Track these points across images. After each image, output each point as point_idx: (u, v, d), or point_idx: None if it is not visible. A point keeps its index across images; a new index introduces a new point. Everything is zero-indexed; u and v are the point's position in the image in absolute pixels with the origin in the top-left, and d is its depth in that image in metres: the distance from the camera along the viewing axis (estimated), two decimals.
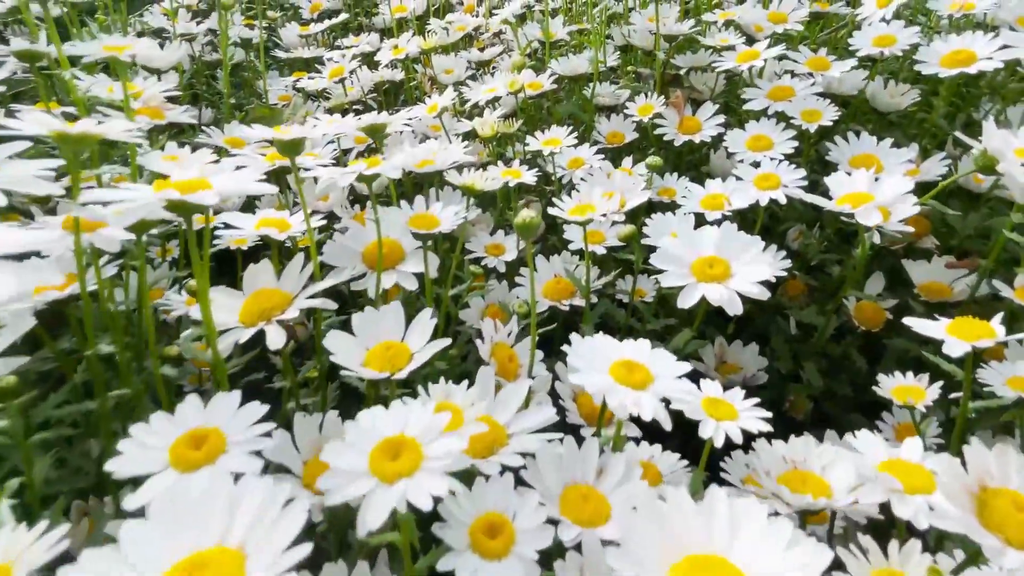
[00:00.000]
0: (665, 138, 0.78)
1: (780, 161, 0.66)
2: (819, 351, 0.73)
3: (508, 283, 0.68)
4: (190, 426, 0.31)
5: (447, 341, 0.36)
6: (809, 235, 0.81)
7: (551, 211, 0.58)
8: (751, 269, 0.46)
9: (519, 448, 0.34)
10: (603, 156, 0.77)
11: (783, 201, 0.63)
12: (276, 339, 0.36)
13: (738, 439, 0.37)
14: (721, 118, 0.79)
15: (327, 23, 1.12)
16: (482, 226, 0.79)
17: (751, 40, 0.88)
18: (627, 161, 0.78)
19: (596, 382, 0.33)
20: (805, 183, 0.63)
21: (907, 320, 0.44)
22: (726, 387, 0.74)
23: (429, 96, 0.82)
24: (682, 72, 0.91)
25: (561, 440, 0.36)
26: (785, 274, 0.59)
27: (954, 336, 0.41)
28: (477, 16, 1.27)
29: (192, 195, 0.31)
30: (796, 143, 0.70)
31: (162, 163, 0.38)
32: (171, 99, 0.89)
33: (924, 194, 0.60)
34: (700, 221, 0.65)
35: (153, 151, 0.50)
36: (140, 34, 1.10)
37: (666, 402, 0.34)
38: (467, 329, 0.62)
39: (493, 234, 0.76)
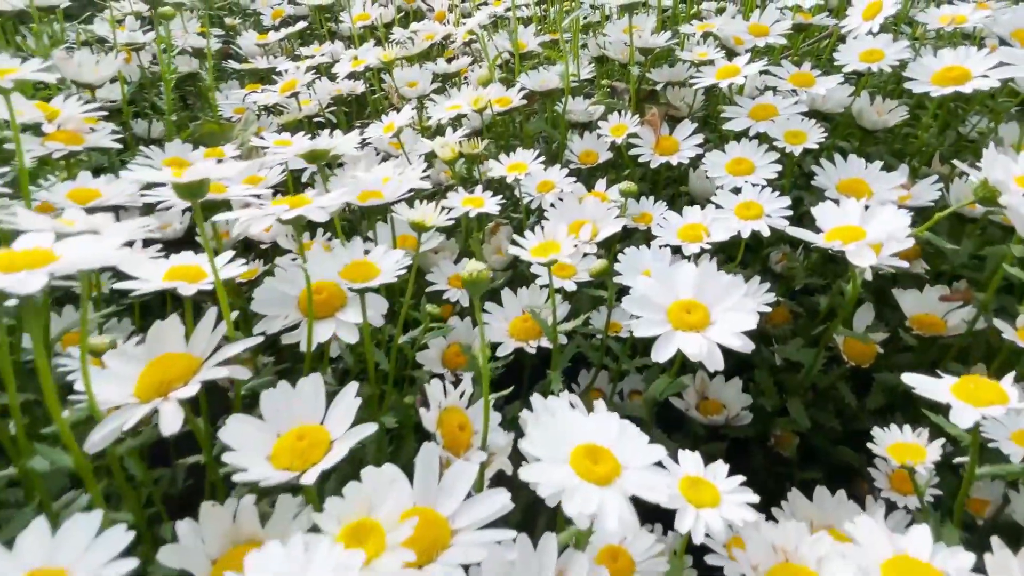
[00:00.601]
0: (641, 159, 0.73)
1: (763, 187, 0.61)
2: (806, 386, 0.69)
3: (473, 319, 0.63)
4: (29, 567, 0.25)
5: (373, 427, 0.30)
6: (794, 258, 0.76)
7: (512, 250, 0.52)
8: (734, 317, 0.41)
9: (461, 559, 0.28)
10: (575, 178, 0.72)
11: (766, 233, 0.58)
12: (170, 422, 0.30)
13: (719, 533, 0.32)
14: (700, 137, 0.74)
15: (284, 32, 1.05)
16: (446, 254, 0.73)
17: (731, 53, 0.83)
18: (601, 184, 0.73)
19: (553, 481, 0.28)
20: (790, 213, 0.58)
21: (907, 379, 0.39)
22: (709, 428, 0.70)
23: (397, 109, 0.76)
24: (659, 87, 0.86)
25: (514, 540, 0.30)
26: (769, 309, 0.54)
27: (962, 401, 0.36)
28: (447, 24, 1.22)
29: (13, 277, 0.24)
30: (779, 167, 0.65)
31: (32, 219, 0.31)
32: (110, 116, 0.83)
33: (916, 219, 0.55)
34: (677, 252, 0.60)
35: (57, 184, 0.44)
36: (84, 44, 1.02)
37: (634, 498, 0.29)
38: (423, 374, 0.56)
39: (458, 263, 0.71)
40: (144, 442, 0.35)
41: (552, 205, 0.65)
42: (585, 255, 0.60)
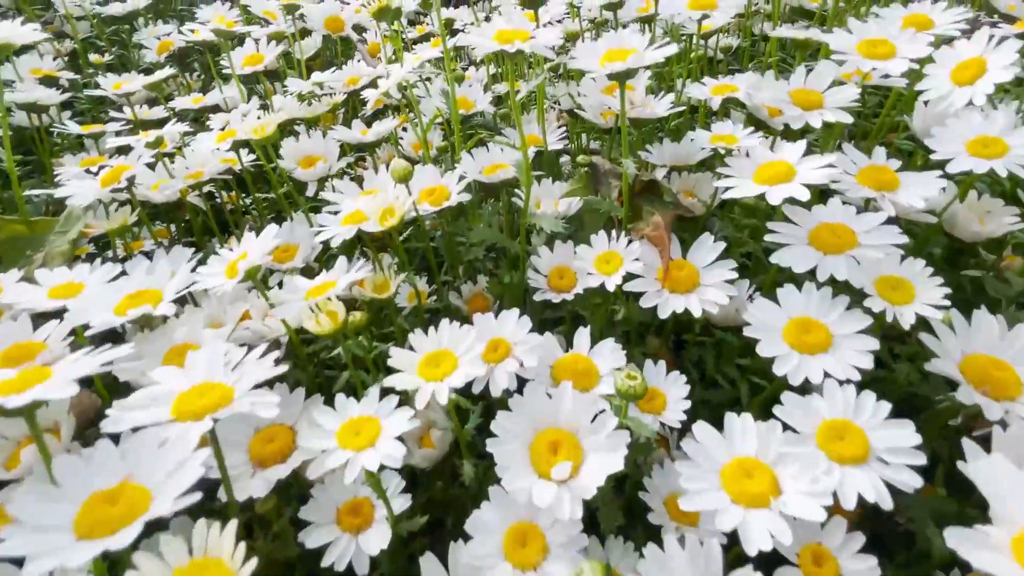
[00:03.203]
0: (645, 304, 0.47)
1: (848, 384, 0.37)
2: None
3: None
4: None
5: None
6: None
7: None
8: None
9: None
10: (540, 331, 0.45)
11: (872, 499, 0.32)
12: None
13: None
14: (731, 263, 0.49)
15: (147, 79, 0.77)
16: None
17: (761, 126, 0.58)
18: (582, 339, 0.47)
19: None
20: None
21: None
22: None
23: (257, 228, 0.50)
24: (659, 173, 0.60)
25: None
26: None
27: None
28: (376, 65, 0.95)
29: None
30: (874, 344, 0.40)
31: None
32: None
33: None
34: None
35: None
36: None
37: None
38: None
39: None
40: None
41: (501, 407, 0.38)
42: None
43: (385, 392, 0.39)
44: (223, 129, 0.64)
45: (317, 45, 1.19)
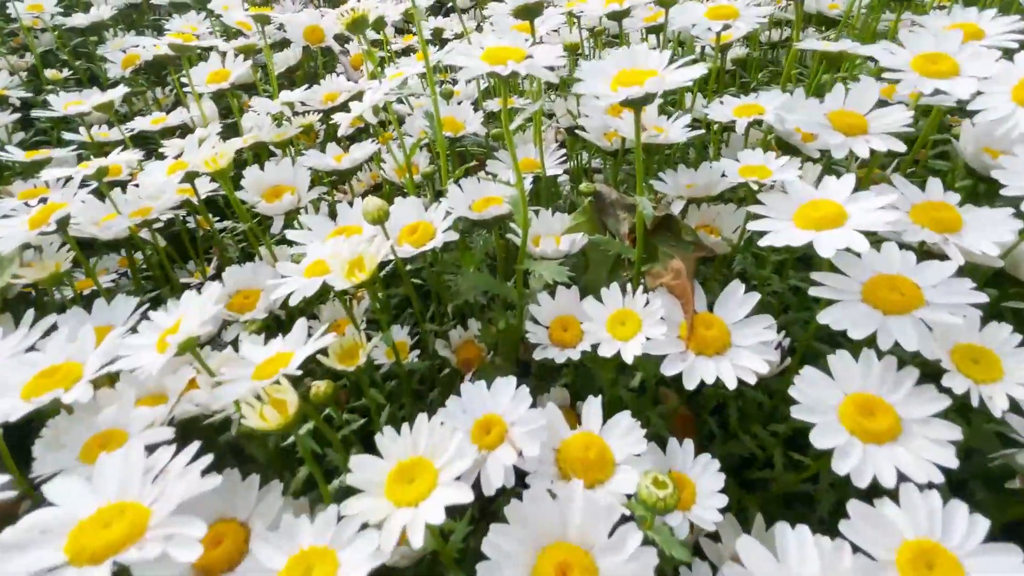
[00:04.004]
0: (668, 372, 0.39)
1: (930, 490, 0.29)
2: None
3: None
4: None
5: None
6: None
7: None
8: None
9: None
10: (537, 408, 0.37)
11: None
12: None
13: None
14: (768, 319, 0.41)
15: (98, 99, 0.69)
16: None
17: (788, 149, 0.51)
18: (592, 415, 0.39)
19: None
20: None
21: None
22: None
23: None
24: (672, 203, 0.53)
25: None
26: None
27: None
28: (359, 79, 0.87)
29: None
30: (956, 433, 0.32)
31: None
32: None
33: None
34: None
35: None
36: None
37: None
38: None
39: None
40: None
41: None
42: None
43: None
44: (177, 157, 0.56)
45: (297, 57, 1.12)
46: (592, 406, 0.40)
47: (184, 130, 0.82)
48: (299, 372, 0.33)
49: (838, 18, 0.77)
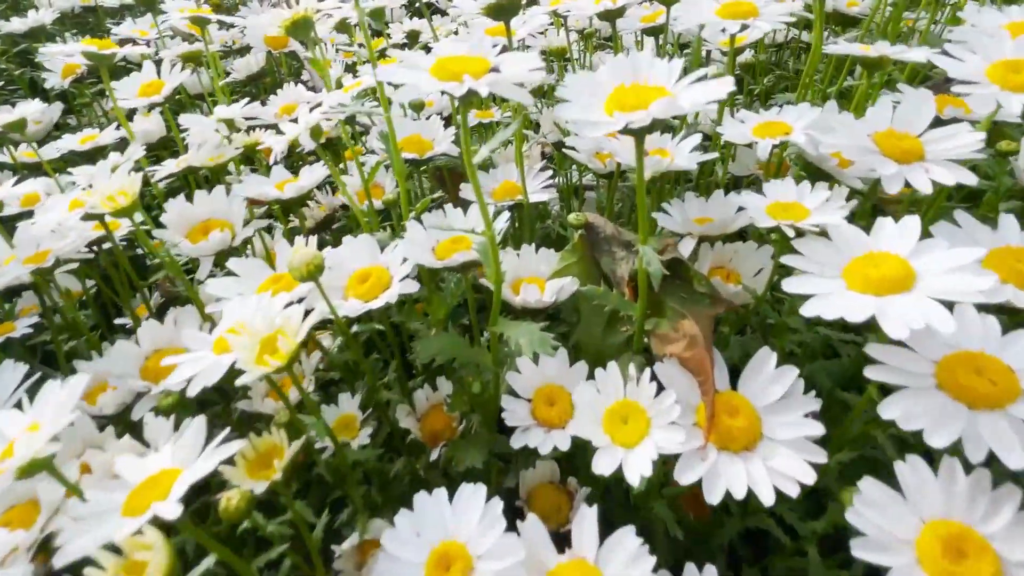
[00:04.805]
0: (682, 478, 0.30)
1: None
2: None
3: None
4: None
5: None
6: None
7: None
8: None
9: None
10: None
11: None
12: None
13: None
14: (809, 402, 0.32)
15: (5, 119, 0.59)
16: None
17: (818, 175, 0.42)
18: (586, 533, 0.30)
19: None
20: None
21: None
22: None
23: None
24: (683, 250, 0.44)
25: None
26: None
27: None
28: (322, 88, 0.78)
29: None
30: None
31: None
32: None
33: None
34: None
35: None
36: None
37: None
38: None
39: None
40: None
41: None
42: None
43: None
44: (87, 188, 0.47)
45: (260, 64, 1.02)
46: (586, 520, 0.30)
47: (124, 150, 0.73)
48: (179, 511, 0.24)
49: (858, 16, 0.68)
